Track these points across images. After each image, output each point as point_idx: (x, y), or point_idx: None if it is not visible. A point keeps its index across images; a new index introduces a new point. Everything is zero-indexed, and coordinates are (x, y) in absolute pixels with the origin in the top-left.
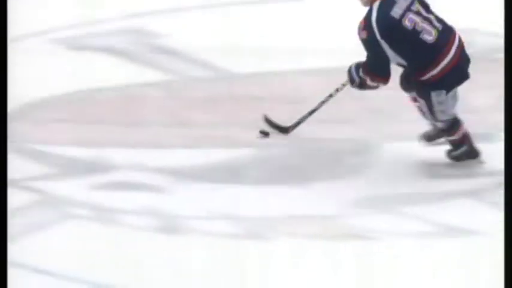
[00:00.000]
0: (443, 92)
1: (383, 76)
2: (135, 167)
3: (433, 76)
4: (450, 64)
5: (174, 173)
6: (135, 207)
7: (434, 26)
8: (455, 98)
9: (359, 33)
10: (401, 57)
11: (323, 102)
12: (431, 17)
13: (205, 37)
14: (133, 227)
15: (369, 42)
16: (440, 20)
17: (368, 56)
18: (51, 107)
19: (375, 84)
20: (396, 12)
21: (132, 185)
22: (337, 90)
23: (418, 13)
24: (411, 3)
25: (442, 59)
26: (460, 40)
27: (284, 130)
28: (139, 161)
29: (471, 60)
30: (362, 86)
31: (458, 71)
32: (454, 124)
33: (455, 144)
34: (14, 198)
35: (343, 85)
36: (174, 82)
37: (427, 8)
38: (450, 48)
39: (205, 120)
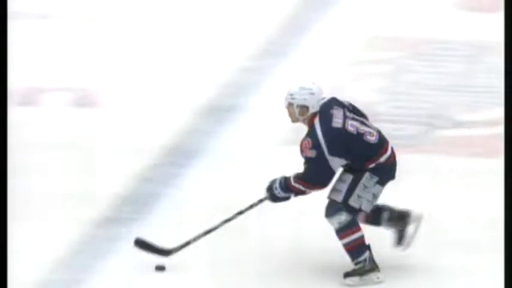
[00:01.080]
0: (375, 179)
1: (325, 186)
2: None
3: (375, 165)
4: (390, 160)
5: None
6: None
7: (372, 128)
8: (374, 198)
9: (305, 153)
10: (347, 160)
11: (227, 221)
12: (364, 120)
13: None
14: None
15: (316, 160)
16: (371, 125)
17: (309, 170)
18: None
19: (308, 191)
20: (337, 122)
21: None
22: (251, 206)
23: (354, 119)
24: (344, 112)
25: (384, 153)
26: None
27: (164, 253)
28: None
29: None
30: (278, 199)
31: (391, 170)
32: (350, 222)
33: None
34: None
35: (261, 201)
36: None
37: (358, 112)
38: (387, 147)
39: None
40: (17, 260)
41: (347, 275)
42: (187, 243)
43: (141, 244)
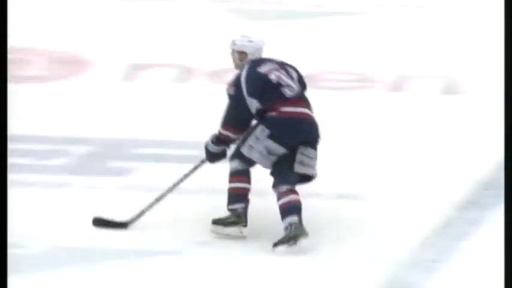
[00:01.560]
0: (267, 132)
1: (242, 126)
2: None
3: (273, 114)
4: (294, 115)
5: None
6: None
7: (296, 87)
8: (270, 155)
9: (228, 90)
10: (261, 104)
11: (174, 185)
12: (294, 81)
13: None
14: None
15: (235, 97)
16: (302, 86)
17: (228, 108)
18: None
19: (229, 136)
20: (263, 68)
21: None
22: (194, 168)
23: (282, 73)
24: (277, 67)
25: (290, 106)
26: (309, 114)
27: (122, 225)
28: None
29: None
30: (215, 156)
31: (296, 131)
32: (237, 171)
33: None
34: None
35: (202, 162)
36: None
37: (291, 73)
38: (302, 107)
39: None
40: None
41: (214, 222)
42: (142, 213)
43: (99, 222)
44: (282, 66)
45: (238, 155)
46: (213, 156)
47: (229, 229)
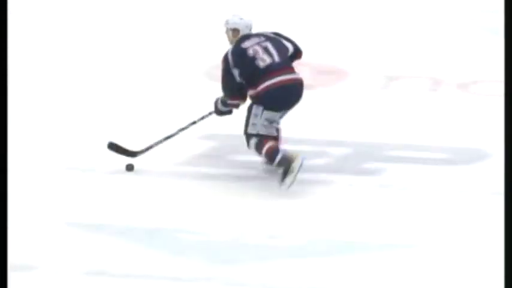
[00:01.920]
0: (261, 107)
1: (236, 95)
2: None
3: (257, 92)
4: (271, 86)
5: None
6: None
7: (270, 56)
8: (270, 123)
9: (221, 64)
10: (242, 79)
11: (183, 129)
12: (275, 51)
13: None
14: None
15: (224, 71)
16: (283, 55)
17: (222, 81)
18: None
19: (231, 103)
20: (245, 44)
21: None
22: (202, 118)
23: (261, 46)
24: (259, 40)
25: (267, 80)
26: (291, 78)
27: (132, 154)
28: None
29: None
30: (222, 112)
31: (279, 96)
32: (257, 143)
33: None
34: None
35: (210, 113)
36: None
37: (277, 44)
38: (274, 75)
39: None
40: None
41: (281, 180)
42: (151, 147)
43: (113, 147)
44: (269, 39)
45: (248, 136)
46: (220, 113)
47: (291, 169)
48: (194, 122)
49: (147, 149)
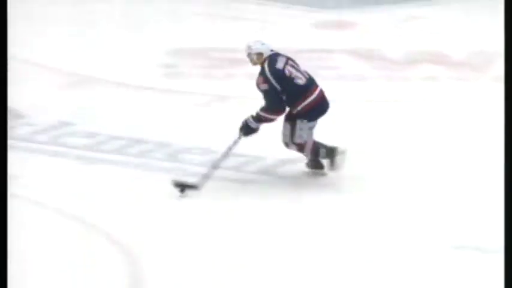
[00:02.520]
0: (306, 119)
1: (283, 109)
2: None
3: (301, 108)
4: (313, 102)
5: None
6: None
7: (304, 76)
8: (311, 130)
9: (260, 86)
10: (284, 96)
11: (224, 156)
12: (298, 68)
13: None
14: None
15: (270, 90)
16: (307, 74)
17: (267, 99)
18: None
19: (273, 118)
20: (279, 65)
21: None
22: (234, 142)
23: (291, 66)
24: (286, 60)
25: (309, 96)
26: (321, 89)
27: (195, 187)
28: None
29: None
30: (251, 132)
31: (319, 109)
32: (302, 147)
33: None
34: None
35: (239, 138)
36: None
37: (294, 63)
38: (314, 92)
39: None
40: None
41: (331, 166)
42: (207, 177)
43: (177, 184)
44: (289, 59)
45: (290, 143)
46: (250, 131)
47: (337, 156)
48: (230, 148)
49: (205, 178)
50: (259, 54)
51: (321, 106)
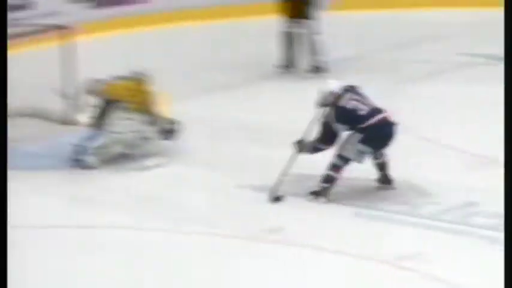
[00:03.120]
0: (360, 136)
1: (330, 144)
2: None
3: (366, 125)
4: (376, 124)
5: None
6: None
7: (365, 105)
8: (361, 155)
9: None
10: (346, 125)
11: (289, 166)
12: (361, 98)
13: None
14: None
15: (324, 125)
16: (368, 103)
17: (320, 132)
18: None
19: (324, 149)
20: (342, 102)
21: None
22: (292, 160)
23: (354, 99)
24: (350, 95)
25: (371, 120)
26: (389, 117)
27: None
28: None
29: None
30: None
31: (381, 135)
32: (340, 166)
33: (324, 180)
34: None
35: (295, 156)
36: None
37: (359, 94)
38: (376, 117)
39: None
40: None
41: (317, 196)
42: (275, 191)
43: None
44: (352, 89)
45: (339, 156)
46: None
47: (323, 196)
48: (290, 165)
49: (278, 183)
50: (333, 93)
51: (382, 132)
